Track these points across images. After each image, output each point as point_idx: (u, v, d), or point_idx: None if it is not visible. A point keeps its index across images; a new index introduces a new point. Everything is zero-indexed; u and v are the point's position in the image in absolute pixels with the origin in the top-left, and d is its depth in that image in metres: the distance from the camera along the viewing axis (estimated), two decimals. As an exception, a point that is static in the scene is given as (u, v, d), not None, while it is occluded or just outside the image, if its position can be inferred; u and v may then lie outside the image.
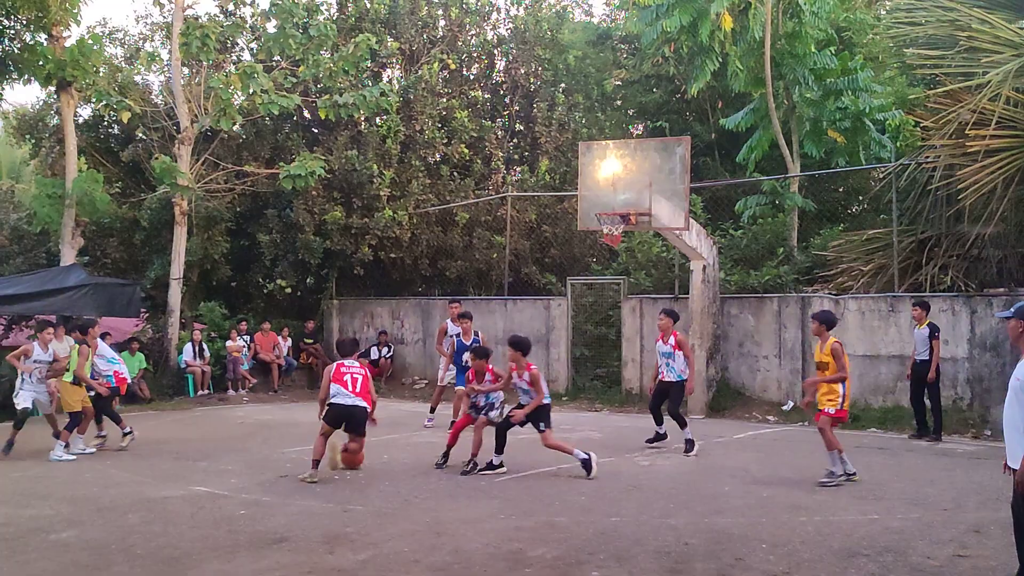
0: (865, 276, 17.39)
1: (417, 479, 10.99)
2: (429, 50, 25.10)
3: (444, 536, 8.20)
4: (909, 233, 17.32)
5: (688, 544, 7.92)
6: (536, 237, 24.59)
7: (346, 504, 9.55)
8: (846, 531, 8.31)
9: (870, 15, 25.17)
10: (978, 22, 14.79)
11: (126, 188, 24.26)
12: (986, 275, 16.28)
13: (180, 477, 11.22)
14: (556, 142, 25.40)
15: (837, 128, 20.55)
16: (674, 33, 20.77)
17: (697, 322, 17.23)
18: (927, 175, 16.82)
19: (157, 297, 21.70)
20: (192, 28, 20.05)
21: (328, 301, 23.98)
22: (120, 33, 26.98)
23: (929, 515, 8.93)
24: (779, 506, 9.41)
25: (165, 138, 22.48)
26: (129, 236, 23.33)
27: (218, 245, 22.32)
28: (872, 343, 16.39)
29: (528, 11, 27.02)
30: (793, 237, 20.30)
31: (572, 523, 8.70)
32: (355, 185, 22.29)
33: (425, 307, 22.82)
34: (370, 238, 22.17)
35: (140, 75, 25.39)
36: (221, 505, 9.56)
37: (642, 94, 27.80)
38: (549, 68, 26.72)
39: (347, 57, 21.23)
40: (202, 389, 20.49)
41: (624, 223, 14.60)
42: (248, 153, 23.14)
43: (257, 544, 7.96)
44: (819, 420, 10.77)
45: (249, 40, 24.48)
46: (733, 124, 21.90)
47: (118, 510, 9.31)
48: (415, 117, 23.59)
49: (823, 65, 20.35)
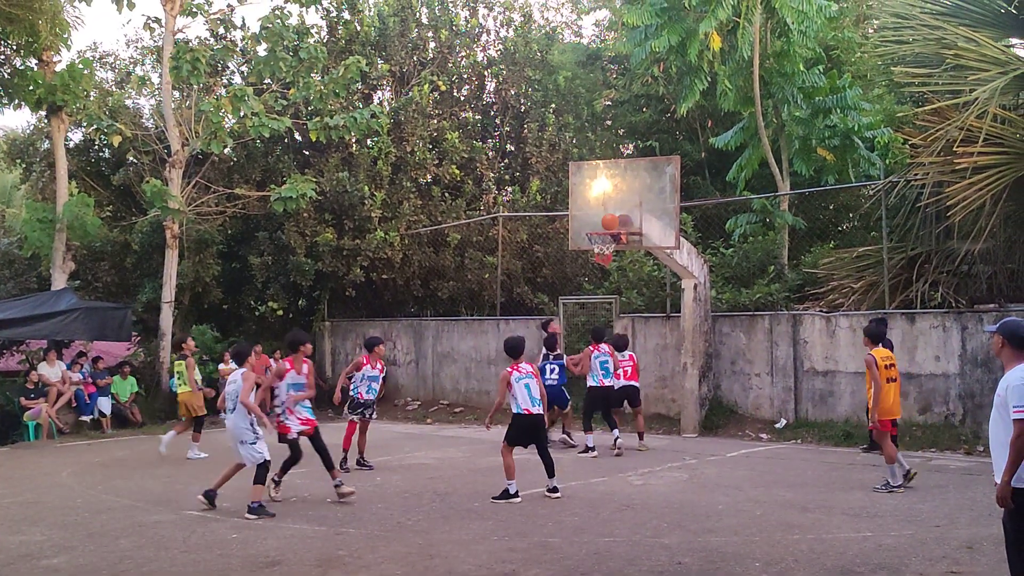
0: (856, 293, 17.41)
1: (410, 501, 10.96)
2: (419, 72, 25.19)
3: (437, 558, 8.18)
4: (899, 250, 17.36)
5: (682, 563, 7.91)
6: (528, 257, 24.61)
7: (339, 527, 9.52)
8: (840, 549, 8.31)
9: (858, 34, 25.30)
10: (964, 40, 14.87)
11: (117, 212, 24.26)
12: (976, 291, 16.32)
13: (172, 501, 11.18)
14: (547, 162, 25.46)
15: (826, 146, 20.63)
16: (663, 53, 20.88)
17: (689, 340, 17.24)
18: (916, 192, 16.88)
19: (148, 321, 21.68)
20: (182, 52, 20.10)
21: (320, 323, 23.95)
22: (110, 57, 27.19)
23: (922, 532, 8.93)
24: (773, 524, 9.40)
25: (156, 161, 22.50)
26: (120, 260, 23.28)
27: (209, 268, 22.27)
28: (864, 360, 16.37)
29: (518, 33, 27.15)
30: (784, 255, 20.33)
31: (565, 543, 8.69)
32: (346, 207, 22.30)
33: (417, 328, 22.80)
34: (362, 259, 22.17)
35: (131, 99, 25.50)
36: (213, 529, 9.53)
37: (632, 114, 27.90)
38: (539, 89, 26.82)
39: (337, 79, 21.29)
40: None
41: (615, 242, 14.64)
42: (239, 176, 23.14)
43: (249, 567, 7.93)
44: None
45: (239, 63, 24.53)
46: (723, 143, 21.98)
47: (109, 535, 9.27)
48: (406, 138, 23.64)
49: (812, 84, 20.45)
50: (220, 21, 23.22)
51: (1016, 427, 5.86)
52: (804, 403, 17.04)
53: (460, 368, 21.50)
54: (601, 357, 14.94)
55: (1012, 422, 5.88)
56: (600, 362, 14.87)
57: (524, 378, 11.08)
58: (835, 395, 16.71)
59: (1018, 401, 5.89)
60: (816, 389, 16.92)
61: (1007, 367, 6.19)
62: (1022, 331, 6.21)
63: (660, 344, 18.60)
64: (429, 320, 23.17)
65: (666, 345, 18.47)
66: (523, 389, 11.03)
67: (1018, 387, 5.94)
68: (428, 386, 22.25)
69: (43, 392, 18.28)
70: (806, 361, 17.05)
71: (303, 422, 11.38)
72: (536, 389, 11.09)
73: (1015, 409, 5.90)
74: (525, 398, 11.00)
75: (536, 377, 11.24)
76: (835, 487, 11.66)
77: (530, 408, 11.01)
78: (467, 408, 20.71)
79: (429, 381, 22.33)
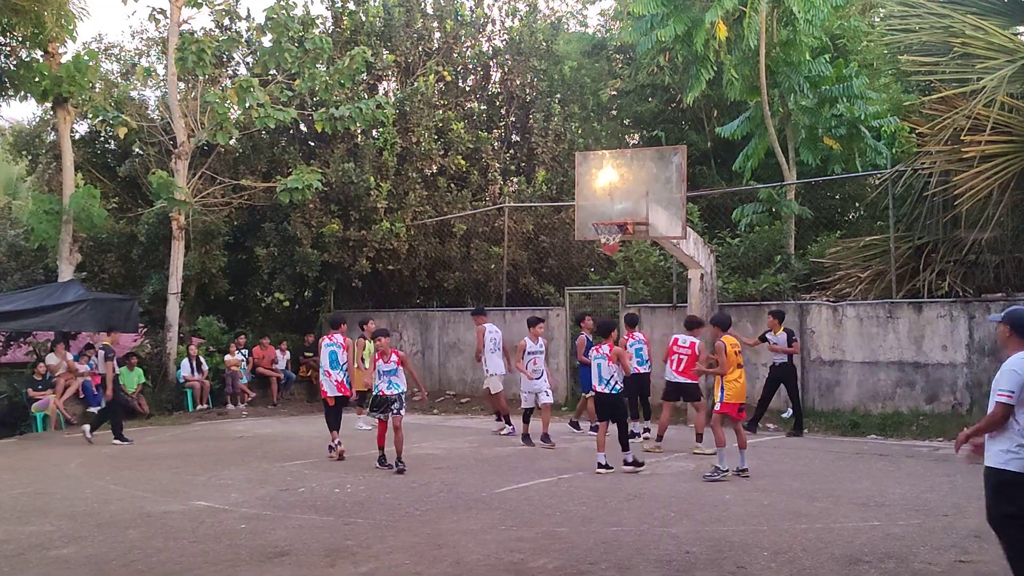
0: (863, 283, 17.40)
1: (417, 491, 10.97)
2: (425, 62, 25.13)
3: (445, 548, 8.19)
4: (906, 239, 17.34)
5: (689, 553, 7.92)
6: (534, 247, 24.58)
7: (347, 517, 9.54)
8: (847, 538, 8.31)
9: (864, 22, 25.25)
10: (972, 28, 14.83)
11: (123, 203, 24.27)
12: (983, 280, 16.30)
13: (180, 492, 11.20)
14: (552, 152, 25.41)
15: (833, 135, 20.59)
16: (669, 43, 20.84)
17: (697, 330, 17.20)
18: (923, 181, 16.85)
19: (155, 312, 21.69)
20: (188, 43, 20.05)
21: (326, 314, 23.93)
22: (116, 49, 27.14)
23: (930, 521, 8.92)
24: (780, 514, 9.40)
25: (162, 153, 22.50)
26: (127, 251, 23.29)
27: (215, 259, 22.28)
28: (871, 350, 16.39)
29: (523, 23, 27.06)
30: (790, 245, 20.32)
31: (573, 533, 8.69)
32: (352, 198, 22.29)
33: (423, 319, 22.80)
34: (367, 250, 22.16)
35: (136, 90, 25.48)
36: (221, 519, 9.54)
37: (638, 104, 27.85)
38: (545, 79, 26.75)
39: (343, 70, 21.23)
40: (201, 403, 20.46)
41: (621, 232, 14.62)
42: (245, 167, 23.12)
43: (258, 558, 7.95)
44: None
45: (245, 54, 24.50)
46: (729, 132, 21.95)
47: (118, 525, 9.29)
48: (411, 129, 23.61)
49: (818, 73, 20.39)
50: (225, 12, 23.21)
51: (996, 407, 6.08)
52: (811, 392, 17.04)
53: (466, 359, 21.46)
54: (636, 345, 15.10)
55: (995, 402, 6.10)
56: (636, 350, 14.97)
57: (598, 358, 12.08)
58: (842, 384, 16.71)
59: (1005, 386, 6.08)
60: (823, 379, 16.93)
61: (1010, 355, 6.25)
62: None
63: (667, 334, 18.53)
64: (435, 311, 23.18)
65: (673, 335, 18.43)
66: (596, 368, 12.08)
67: (1009, 372, 6.11)
68: (434, 377, 22.25)
69: (51, 383, 18.33)
70: (813, 351, 17.05)
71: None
72: (606, 370, 11.95)
73: (999, 392, 6.09)
74: (596, 376, 12.07)
75: (610, 360, 11.98)
76: (842, 476, 11.66)
77: (597, 387, 12.09)
78: (473, 399, 20.68)
79: (435, 372, 22.33)
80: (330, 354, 13.87)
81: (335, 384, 13.79)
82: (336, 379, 13.78)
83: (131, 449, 15.19)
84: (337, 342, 13.99)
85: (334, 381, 13.78)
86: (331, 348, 13.91)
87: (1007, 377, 6.09)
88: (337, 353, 13.89)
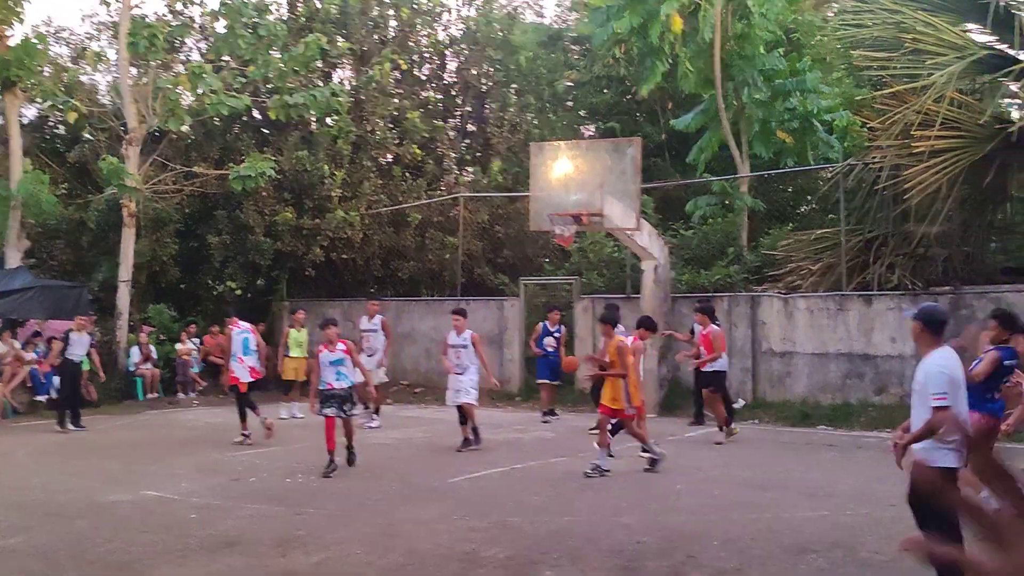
0: (814, 275, 17.57)
1: (370, 481, 10.95)
2: (380, 50, 24.96)
3: (397, 538, 8.18)
4: (857, 232, 17.53)
5: (641, 542, 7.97)
6: (489, 238, 24.58)
7: (298, 507, 9.48)
8: (796, 527, 8.41)
9: (818, 17, 25.46)
10: (923, 25, 14.98)
11: (73, 189, 23.93)
12: (932, 274, 16.52)
13: (130, 481, 11.07)
14: (508, 143, 25.40)
15: (786, 129, 20.78)
16: (624, 34, 20.89)
17: (649, 322, 17.30)
18: (874, 175, 17.03)
19: (105, 300, 21.38)
20: (139, 27, 19.78)
21: (279, 303, 23.73)
22: (65, 32, 26.71)
23: (878, 511, 9.05)
24: (730, 504, 9.49)
25: (112, 139, 22.18)
26: (76, 238, 22.98)
27: (167, 247, 22.03)
28: (821, 341, 16.58)
29: (480, 11, 27.01)
30: (743, 237, 20.48)
31: (526, 523, 8.72)
32: (306, 186, 22.14)
33: (378, 308, 22.67)
34: (321, 239, 22.04)
35: (86, 75, 25.05)
36: (172, 509, 9.46)
37: (593, 95, 27.92)
38: (500, 69, 26.73)
39: (297, 57, 21.04)
40: (151, 392, 20.24)
41: (576, 223, 14.66)
42: (197, 154, 22.88)
43: (208, 548, 7.89)
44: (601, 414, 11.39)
45: (198, 40, 24.24)
46: (683, 125, 22.07)
47: (67, 515, 9.17)
48: (366, 117, 23.49)
49: (772, 66, 20.56)
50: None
51: (933, 414, 6.13)
52: (762, 384, 17.21)
53: (420, 348, 21.42)
54: None
55: (931, 409, 6.16)
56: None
57: None
58: (792, 376, 16.89)
59: (936, 389, 6.16)
60: (774, 370, 17.10)
61: (925, 353, 6.45)
62: (939, 316, 6.54)
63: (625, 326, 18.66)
64: (389, 300, 23.06)
65: (626, 326, 18.50)
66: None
67: (936, 375, 6.21)
68: (388, 366, 22.13)
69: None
70: (764, 342, 17.21)
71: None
72: None
73: (933, 396, 6.16)
74: None
75: None
76: (792, 467, 11.81)
77: None
78: (427, 388, 20.65)
79: (389, 361, 22.21)
80: (243, 341, 14.21)
81: (247, 370, 14.08)
82: (249, 364, 14.10)
83: (80, 438, 15.00)
84: (247, 328, 14.45)
85: (247, 367, 14.07)
86: (244, 335, 14.27)
87: (935, 379, 6.18)
88: (249, 340, 14.28)
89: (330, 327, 11.96)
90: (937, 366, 6.22)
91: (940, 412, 6.09)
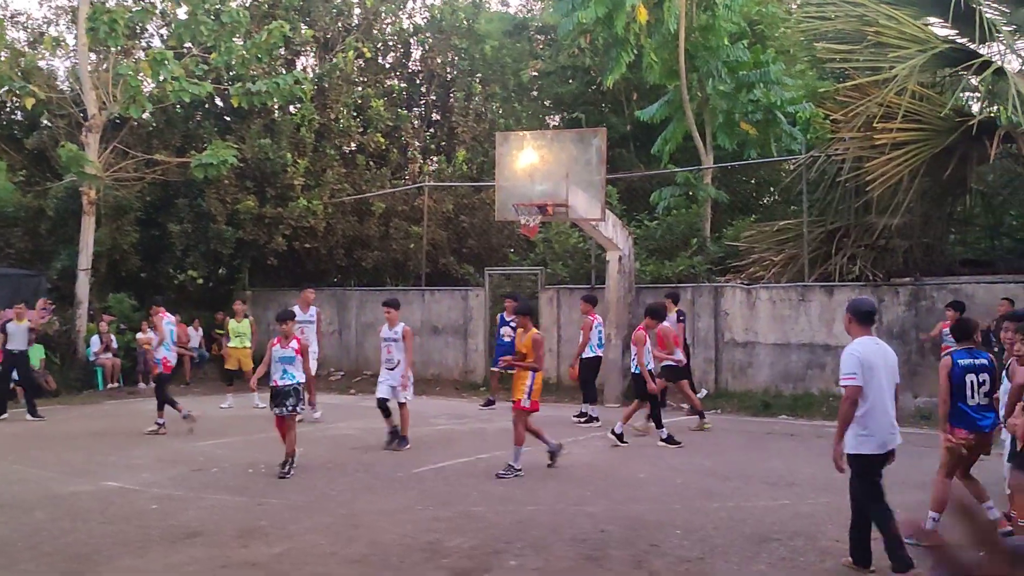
0: (776, 266, 17.70)
1: (333, 472, 10.89)
2: (344, 38, 24.80)
3: (361, 528, 8.14)
4: (819, 224, 17.68)
5: (604, 531, 7.99)
6: (453, 227, 24.52)
7: (260, 498, 9.42)
8: (758, 516, 8.47)
9: (782, 9, 25.60)
10: (885, 18, 15.10)
11: (31, 176, 23.60)
12: (893, 265, 16.70)
13: (89, 472, 10.94)
14: (473, 132, 25.34)
15: (749, 120, 20.89)
16: (590, 24, 20.88)
17: (613, 312, 17.36)
18: (836, 167, 17.19)
19: (64, 288, 21.11)
20: (99, 12, 19.47)
21: (241, 292, 23.55)
22: (23, 16, 26.27)
23: (838, 500, 9.07)
24: (693, 493, 9.55)
25: (72, 125, 21.85)
26: (34, 226, 22.65)
27: (127, 235, 21.78)
28: (783, 332, 16.71)
29: (445, 0, 26.90)
30: (706, 228, 20.59)
31: (490, 513, 8.71)
32: (268, 174, 21.98)
33: (340, 298, 22.61)
34: (284, 228, 21.90)
35: (45, 60, 24.63)
36: (132, 500, 9.35)
37: (558, 85, 27.92)
38: (465, 58, 26.65)
39: (260, 44, 20.81)
40: (112, 382, 20.03)
41: (541, 213, 14.66)
42: (158, 141, 22.60)
43: (169, 539, 7.81)
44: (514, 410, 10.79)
45: (159, 26, 23.95)
46: (648, 116, 22.12)
47: (23, 507, 9.04)
48: (330, 105, 23.34)
49: (736, 58, 20.66)
50: (139, -18, 22.60)
51: (845, 394, 6.61)
52: (724, 373, 17.33)
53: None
54: (601, 327, 15.38)
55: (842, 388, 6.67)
56: (599, 332, 15.24)
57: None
58: (754, 366, 17.01)
59: (847, 369, 6.61)
60: (736, 360, 17.21)
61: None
62: (865, 307, 6.99)
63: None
64: (353, 290, 23.00)
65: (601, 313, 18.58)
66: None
67: (847, 356, 6.65)
68: (351, 356, 22.11)
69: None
70: (727, 332, 17.32)
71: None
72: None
73: (843, 376, 6.64)
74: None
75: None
76: (754, 456, 11.88)
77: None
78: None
79: (352, 351, 22.19)
80: (171, 332, 14.82)
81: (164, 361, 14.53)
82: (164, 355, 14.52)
83: (39, 428, 14.81)
84: (172, 320, 15.18)
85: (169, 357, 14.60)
86: (171, 327, 14.90)
87: (846, 361, 6.61)
88: (174, 331, 15.17)
89: (287, 322, 11.29)
90: (850, 350, 6.65)
91: (848, 390, 6.56)
